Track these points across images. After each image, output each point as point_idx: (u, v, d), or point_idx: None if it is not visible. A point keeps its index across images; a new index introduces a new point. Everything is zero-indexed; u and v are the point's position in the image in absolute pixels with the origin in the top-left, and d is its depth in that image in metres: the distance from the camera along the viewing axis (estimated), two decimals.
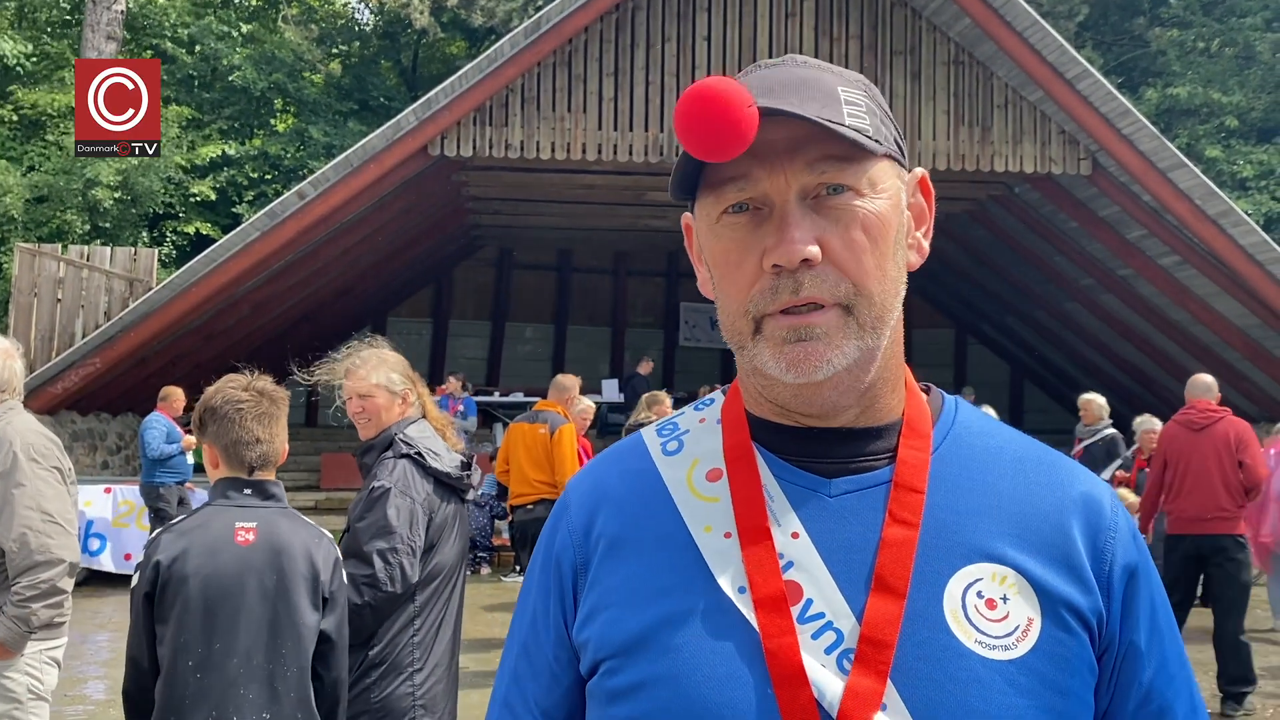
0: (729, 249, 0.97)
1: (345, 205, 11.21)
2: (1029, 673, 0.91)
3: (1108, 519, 1.00)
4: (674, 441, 1.07)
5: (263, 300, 12.80)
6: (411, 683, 3.09)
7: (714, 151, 0.90)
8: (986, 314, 18.46)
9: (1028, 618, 0.93)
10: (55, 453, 3.45)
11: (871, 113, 0.97)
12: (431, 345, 18.69)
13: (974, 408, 1.09)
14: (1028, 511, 0.98)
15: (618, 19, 11.66)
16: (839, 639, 0.92)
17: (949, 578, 0.94)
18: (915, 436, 1.00)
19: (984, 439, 1.04)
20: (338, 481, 13.83)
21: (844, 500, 0.97)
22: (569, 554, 1.04)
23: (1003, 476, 1.00)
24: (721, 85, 0.90)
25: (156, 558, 2.59)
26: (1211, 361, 14.01)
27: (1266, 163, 18.53)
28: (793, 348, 0.94)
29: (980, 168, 11.99)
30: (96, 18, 17.78)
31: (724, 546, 0.97)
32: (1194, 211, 11.61)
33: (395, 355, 3.40)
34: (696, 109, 0.89)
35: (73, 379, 11.29)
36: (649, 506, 1.02)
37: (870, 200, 0.95)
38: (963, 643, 0.91)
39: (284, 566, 2.62)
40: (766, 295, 0.95)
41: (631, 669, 0.95)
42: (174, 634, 2.56)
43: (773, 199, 0.94)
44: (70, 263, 11.93)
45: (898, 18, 11.96)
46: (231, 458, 2.72)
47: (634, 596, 0.97)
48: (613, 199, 14.25)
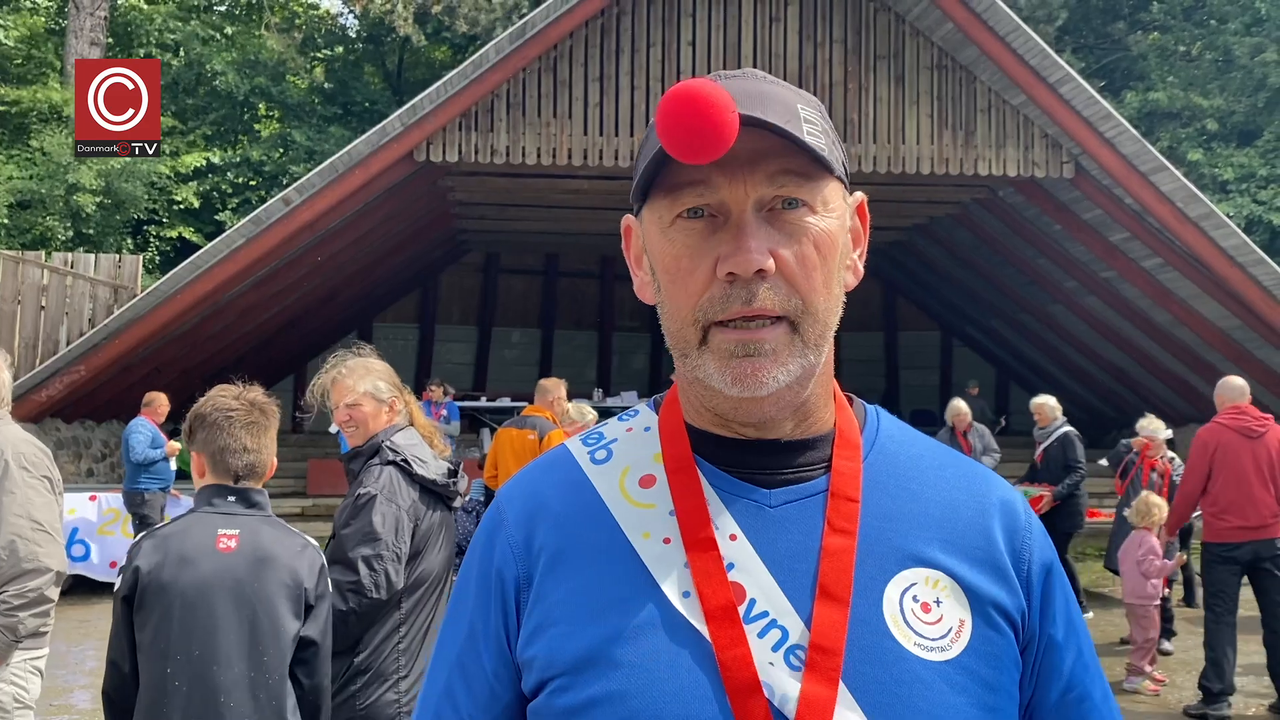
0: (680, 254, 0.97)
1: (331, 211, 11.20)
2: (963, 672, 0.95)
3: (1023, 521, 1.05)
4: (602, 450, 1.06)
5: (248, 306, 12.77)
6: (396, 690, 3.10)
7: (694, 153, 0.90)
8: (971, 316, 18.55)
9: (959, 619, 0.96)
10: (45, 462, 3.46)
11: (825, 133, 0.98)
12: (418, 350, 18.68)
13: (892, 417, 1.12)
14: (952, 517, 1.02)
15: (603, 25, 11.69)
16: (784, 636, 0.93)
17: (886, 583, 0.96)
18: (847, 447, 1.03)
19: (906, 448, 1.07)
20: (324, 488, 13.79)
21: (784, 510, 0.99)
22: (510, 567, 1.01)
23: (926, 484, 1.04)
24: (709, 88, 0.90)
25: (136, 563, 2.58)
26: (1194, 362, 14.13)
27: (1247, 165, 18.67)
28: (739, 363, 0.95)
29: (964, 171, 12.05)
30: (80, 23, 17.73)
31: (663, 552, 0.97)
32: (1176, 214, 11.71)
33: (381, 364, 3.41)
34: (684, 110, 0.89)
35: (57, 387, 11.25)
36: (586, 517, 1.01)
37: (822, 218, 0.97)
38: (903, 645, 0.94)
39: (265, 573, 2.61)
40: (717, 303, 0.95)
41: (581, 686, 0.93)
42: (153, 640, 2.54)
43: (730, 207, 0.95)
44: (54, 270, 11.88)
45: (881, 23, 12.03)
46: (218, 465, 2.71)
47: (580, 611, 0.96)
48: (598, 203, 14.28)
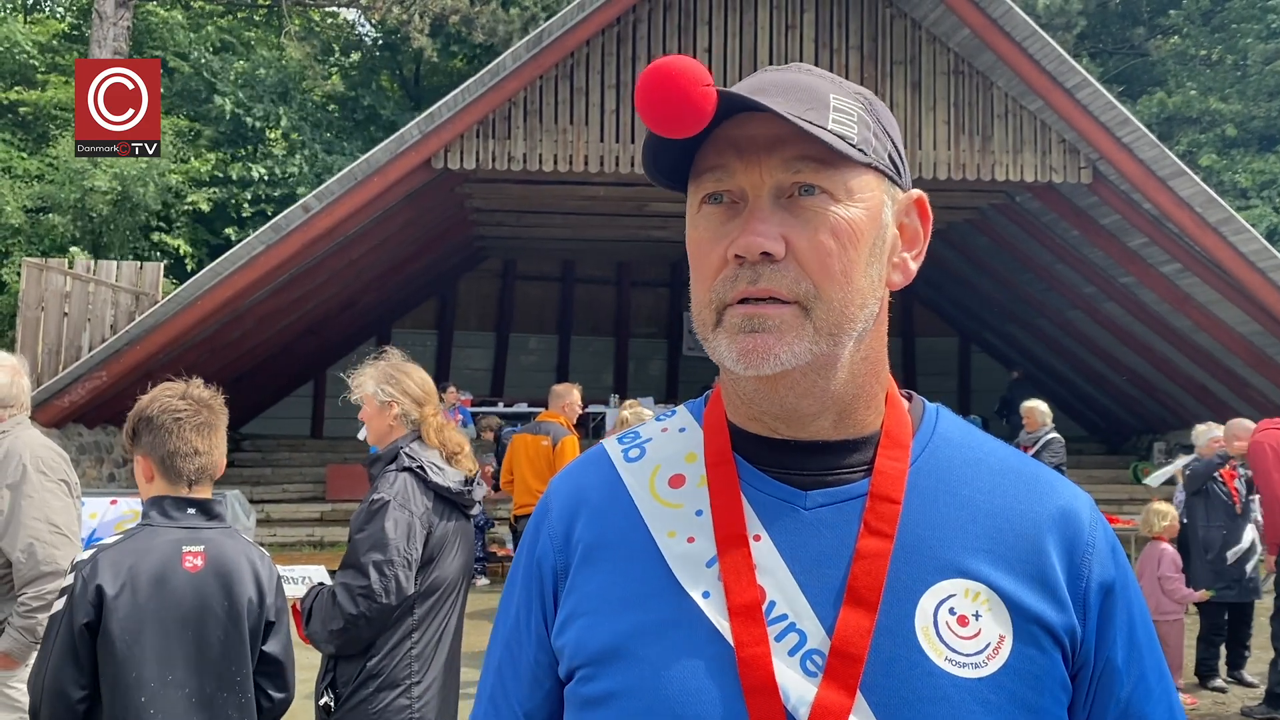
0: (702, 238, 0.98)
1: (350, 218, 11.27)
2: (999, 690, 0.91)
3: (1085, 535, 0.99)
4: (635, 449, 1.07)
5: (268, 313, 12.86)
6: (409, 695, 3.11)
7: (668, 127, 0.91)
8: (989, 322, 18.46)
9: (999, 635, 0.92)
10: (63, 466, 3.50)
11: (864, 124, 0.97)
12: (436, 357, 18.74)
13: (956, 417, 1.08)
14: (1003, 526, 0.97)
15: (619, 32, 11.73)
16: (803, 639, 0.92)
17: (922, 593, 0.93)
18: (894, 447, 0.99)
19: (964, 450, 1.02)
20: (343, 493, 13.85)
21: (819, 513, 0.96)
22: (550, 558, 1.04)
23: (980, 490, 0.99)
24: (678, 63, 0.90)
25: (98, 583, 2.40)
26: (1214, 368, 14.02)
27: (1267, 172, 18.52)
28: (745, 337, 0.94)
29: (981, 177, 12.02)
30: (103, 33, 17.91)
31: (687, 551, 0.97)
32: (1195, 219, 11.63)
33: (386, 366, 3.40)
34: (651, 84, 0.90)
35: (80, 392, 11.35)
36: (618, 514, 1.02)
37: (844, 206, 0.95)
38: (932, 660, 0.91)
39: (234, 592, 2.52)
40: (727, 284, 0.95)
41: (604, 678, 0.95)
42: (124, 669, 2.39)
43: (747, 192, 0.95)
44: (77, 277, 12.00)
45: (898, 29, 12.02)
46: (169, 470, 2.55)
47: (606, 605, 0.98)
48: (615, 210, 14.30)
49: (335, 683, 3.16)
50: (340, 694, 3.14)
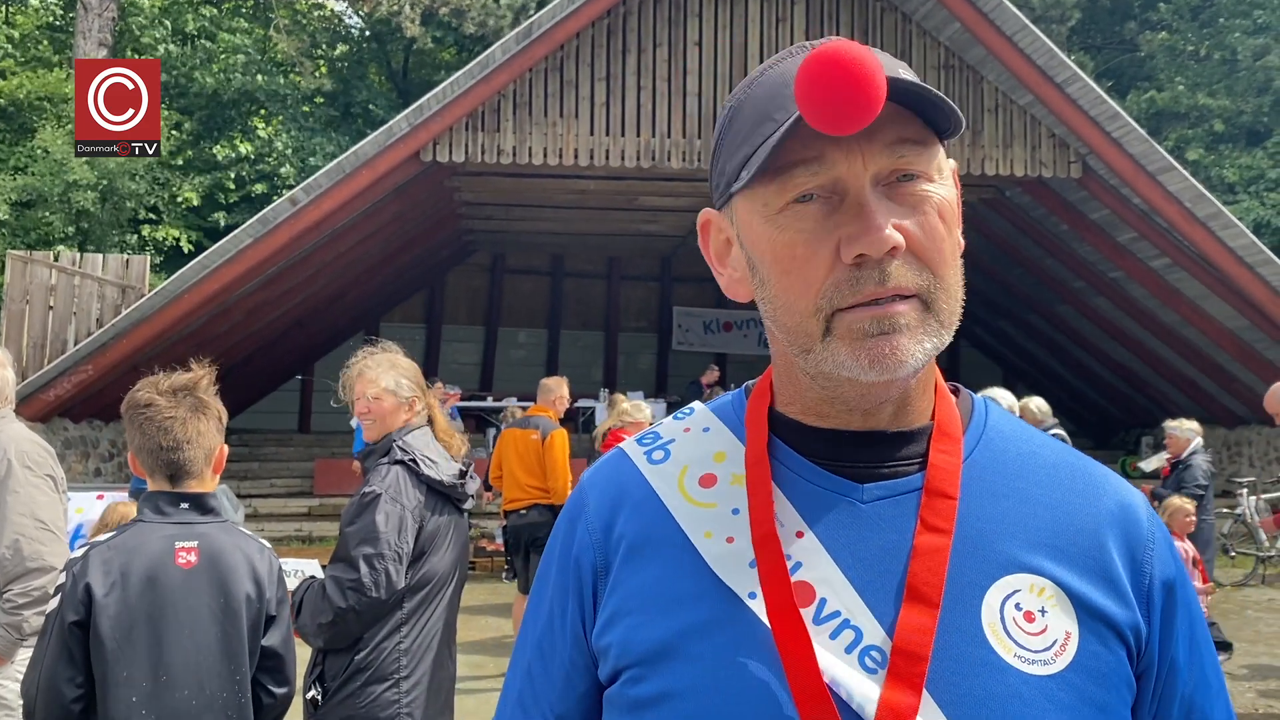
0: (794, 241, 0.89)
1: (338, 211, 11.21)
2: (1068, 688, 0.88)
3: (1145, 531, 0.96)
4: (659, 451, 1.03)
5: (255, 306, 12.79)
6: (398, 689, 3.09)
7: (845, 122, 0.82)
8: (979, 317, 18.50)
9: (1066, 631, 0.90)
10: (49, 461, 3.46)
11: None
12: (425, 351, 18.69)
13: (1004, 410, 1.05)
14: (1063, 522, 0.94)
15: (609, 25, 11.69)
16: (859, 636, 0.89)
17: (987, 589, 0.90)
18: (946, 440, 0.96)
19: (1017, 444, 1.00)
20: (331, 488, 13.80)
21: (876, 507, 0.93)
22: (589, 554, 0.99)
23: (1037, 484, 0.96)
24: (858, 50, 0.82)
25: (87, 581, 2.36)
26: (1201, 363, 14.08)
27: (1254, 167, 18.60)
28: (875, 341, 0.87)
29: (971, 171, 12.03)
30: (88, 24, 17.78)
31: (727, 551, 0.94)
32: (1184, 214, 11.67)
33: (407, 361, 3.40)
34: (838, 74, 0.81)
35: (65, 386, 11.28)
36: (654, 513, 0.98)
37: (940, 185, 0.91)
38: (1002, 657, 0.88)
39: (230, 588, 2.46)
40: (845, 288, 0.87)
41: (655, 679, 0.91)
42: (114, 668, 2.35)
43: (847, 184, 0.88)
44: (62, 270, 11.91)
45: (888, 22, 12.01)
46: (155, 464, 2.50)
47: (655, 603, 0.93)
48: (605, 204, 14.27)
49: (323, 676, 3.14)
50: (328, 688, 3.11)
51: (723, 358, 19.11)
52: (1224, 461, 15.20)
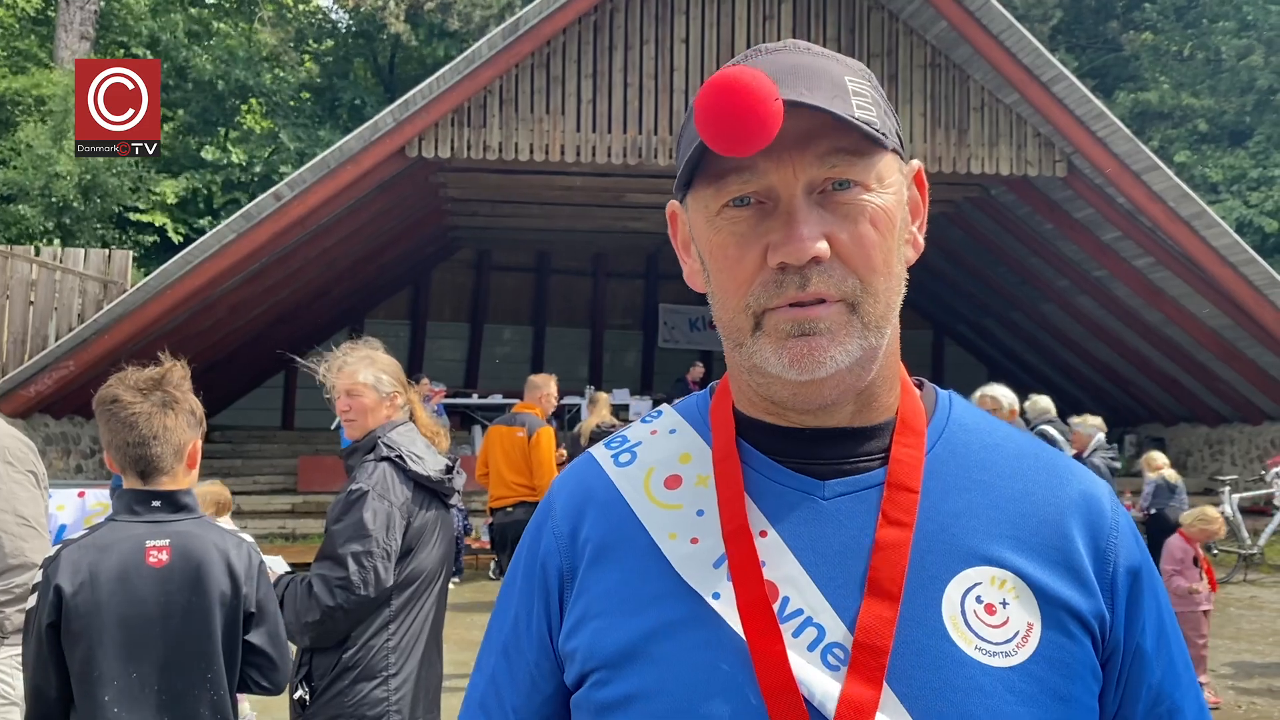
0: (727, 242, 0.93)
1: (322, 207, 11.15)
2: (1029, 679, 0.89)
3: (1109, 519, 0.97)
4: (626, 454, 1.04)
5: (239, 302, 12.71)
6: (386, 687, 3.06)
7: (737, 147, 0.86)
8: (963, 315, 18.57)
9: (1028, 623, 0.91)
10: (31, 457, 3.42)
11: (876, 104, 0.93)
12: (409, 347, 18.63)
13: (968, 403, 1.05)
14: (1026, 512, 0.95)
15: (596, 21, 11.66)
16: (821, 634, 0.89)
17: (947, 582, 0.91)
18: (909, 434, 0.97)
19: (980, 436, 1.01)
20: (314, 485, 13.73)
21: (838, 503, 0.94)
22: (555, 559, 1.01)
23: (999, 475, 0.97)
24: (749, 77, 0.85)
25: (57, 582, 2.34)
26: (1185, 361, 14.16)
27: (1237, 167, 18.72)
28: (796, 342, 0.90)
29: (957, 170, 12.06)
30: (69, 17, 17.63)
31: (691, 552, 0.94)
32: (1167, 213, 11.73)
33: (387, 357, 3.38)
34: (724, 101, 0.85)
35: (46, 382, 11.18)
36: (621, 517, 0.99)
37: (878, 195, 0.92)
38: (963, 649, 0.89)
39: (203, 585, 2.42)
40: (770, 289, 0.91)
41: (621, 681, 0.92)
42: (86, 667, 2.34)
43: (779, 192, 0.90)
44: (43, 265, 11.81)
45: (874, 20, 12.02)
46: (125, 461, 2.46)
47: (621, 606, 0.94)
48: (591, 200, 14.24)
49: (310, 675, 3.11)
50: (316, 686, 3.09)
51: (708, 355, 19.10)
52: (1206, 460, 15.30)
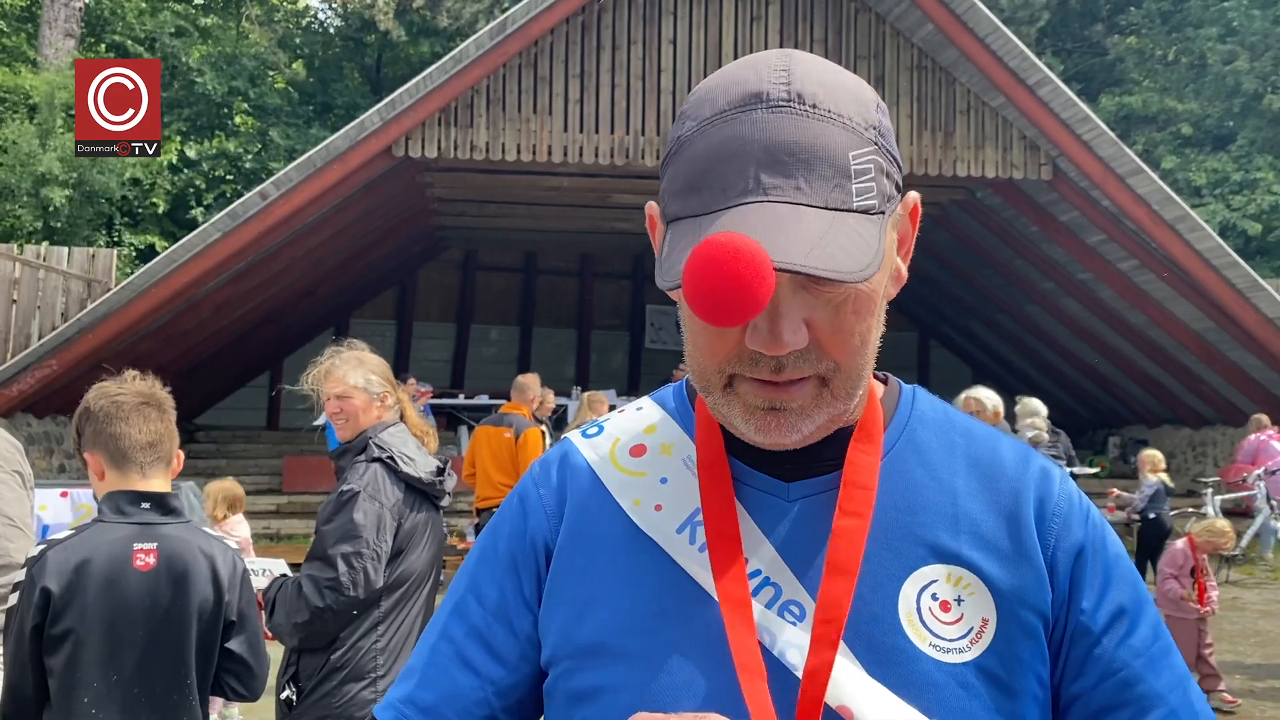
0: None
1: (308, 206, 11.11)
2: (981, 675, 0.91)
3: (1054, 500, 0.99)
4: (594, 428, 1.09)
5: (224, 302, 12.66)
6: (375, 689, 3.05)
7: (726, 322, 0.82)
8: (949, 317, 18.63)
9: (982, 619, 0.93)
10: (16, 457, 3.39)
11: (880, 170, 0.89)
12: (395, 347, 18.57)
13: (932, 398, 1.07)
14: (983, 507, 0.97)
15: (584, 21, 11.65)
16: (778, 593, 0.93)
17: (904, 579, 0.93)
18: (866, 440, 0.98)
19: (940, 434, 1.02)
20: (300, 485, 13.68)
21: (802, 504, 0.97)
22: (543, 528, 1.03)
23: (956, 473, 0.99)
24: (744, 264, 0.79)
25: (44, 584, 2.33)
26: (1168, 364, 14.24)
27: (1220, 171, 18.84)
28: (765, 415, 0.91)
29: (943, 172, 12.09)
30: (54, 14, 17.52)
31: (654, 520, 0.98)
32: (1152, 216, 11.80)
33: (375, 358, 3.38)
34: (717, 286, 0.80)
35: (29, 381, 11.10)
36: (590, 497, 1.03)
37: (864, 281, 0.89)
38: (916, 646, 0.91)
39: (187, 591, 2.42)
40: (745, 363, 0.90)
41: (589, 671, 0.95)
42: (68, 669, 2.33)
43: None
44: (26, 263, 11.73)
45: (861, 23, 12.05)
46: (117, 459, 2.46)
47: (589, 595, 0.97)
48: (578, 201, 14.23)
49: (298, 676, 3.10)
50: (303, 687, 3.08)
51: None
52: (1189, 461, 15.39)
